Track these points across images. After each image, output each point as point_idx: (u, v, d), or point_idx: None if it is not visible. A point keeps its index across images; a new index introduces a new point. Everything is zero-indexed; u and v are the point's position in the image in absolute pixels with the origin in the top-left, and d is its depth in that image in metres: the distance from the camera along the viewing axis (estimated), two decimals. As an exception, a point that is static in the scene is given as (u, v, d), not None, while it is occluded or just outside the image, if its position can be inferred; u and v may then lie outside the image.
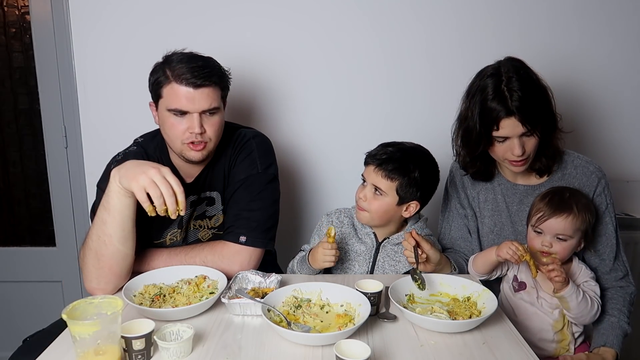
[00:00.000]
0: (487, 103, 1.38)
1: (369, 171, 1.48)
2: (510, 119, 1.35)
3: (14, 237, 2.33)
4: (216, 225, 1.57)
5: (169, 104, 1.38)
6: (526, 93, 1.35)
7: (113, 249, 1.32)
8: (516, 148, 1.39)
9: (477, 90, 1.42)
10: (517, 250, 1.34)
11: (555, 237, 1.39)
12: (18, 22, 2.11)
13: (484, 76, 1.42)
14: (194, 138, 1.39)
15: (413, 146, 1.52)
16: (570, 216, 1.38)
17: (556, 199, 1.41)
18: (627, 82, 2.07)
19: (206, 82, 1.37)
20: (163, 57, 1.44)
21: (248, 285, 1.37)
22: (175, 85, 1.36)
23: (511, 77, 1.37)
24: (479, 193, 1.61)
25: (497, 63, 1.43)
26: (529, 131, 1.37)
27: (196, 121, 1.38)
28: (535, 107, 1.36)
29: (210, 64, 1.41)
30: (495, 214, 1.58)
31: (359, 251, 1.55)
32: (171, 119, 1.39)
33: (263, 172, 1.51)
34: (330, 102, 2.06)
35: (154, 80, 1.41)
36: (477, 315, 1.24)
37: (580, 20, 2.00)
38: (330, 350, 1.01)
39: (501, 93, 1.36)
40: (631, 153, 2.15)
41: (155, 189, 1.22)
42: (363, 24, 1.98)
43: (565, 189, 1.45)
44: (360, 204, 1.49)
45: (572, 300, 1.35)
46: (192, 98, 1.36)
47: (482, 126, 1.40)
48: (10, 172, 2.28)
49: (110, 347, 1.02)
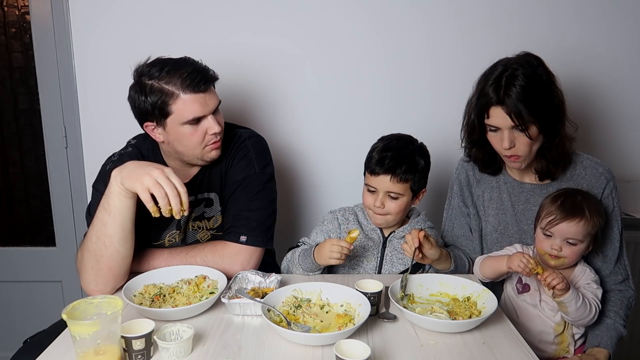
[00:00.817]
0: (484, 88, 1.39)
1: (380, 181, 1.46)
2: (497, 109, 1.35)
3: (14, 237, 2.34)
4: (215, 226, 1.57)
5: (182, 118, 1.37)
6: (524, 88, 1.33)
7: (113, 250, 1.32)
8: (505, 140, 1.38)
9: (484, 76, 1.43)
10: (529, 263, 1.33)
11: (565, 241, 1.37)
12: (18, 22, 2.11)
13: (497, 64, 1.42)
14: (215, 138, 1.41)
15: (403, 138, 1.53)
16: (583, 221, 1.35)
17: (568, 202, 1.38)
18: (628, 83, 2.07)
19: (209, 82, 1.39)
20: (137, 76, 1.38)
21: (248, 285, 1.37)
22: (185, 97, 1.35)
23: (516, 69, 1.36)
24: (484, 191, 1.60)
25: (515, 56, 1.42)
26: (518, 126, 1.35)
27: (213, 121, 1.39)
28: (530, 104, 1.33)
29: (199, 66, 1.40)
30: (499, 212, 1.57)
31: (367, 247, 1.56)
32: (187, 129, 1.38)
33: (260, 172, 1.51)
34: (331, 102, 2.06)
35: (153, 102, 1.35)
36: (477, 315, 1.24)
37: (581, 17, 2.00)
38: (330, 350, 1.01)
39: (499, 81, 1.36)
40: (631, 153, 2.15)
41: (160, 189, 1.22)
42: (363, 23, 1.98)
43: (577, 192, 1.42)
44: (377, 211, 1.50)
45: (572, 305, 1.34)
46: (204, 102, 1.37)
47: (476, 112, 1.42)
48: (10, 172, 2.29)
49: (110, 347, 1.02)
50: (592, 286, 1.42)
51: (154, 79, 1.35)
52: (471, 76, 1.91)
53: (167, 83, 1.35)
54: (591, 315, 1.37)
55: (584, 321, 1.39)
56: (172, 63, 1.37)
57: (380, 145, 1.50)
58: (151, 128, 1.42)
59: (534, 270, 1.32)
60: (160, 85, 1.35)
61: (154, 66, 1.37)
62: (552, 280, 1.30)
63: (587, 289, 1.41)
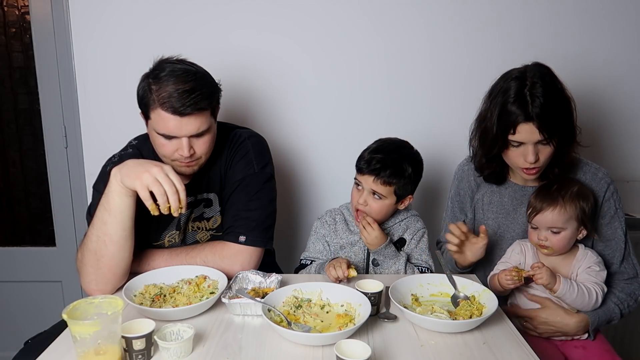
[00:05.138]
0: (507, 105, 1.36)
1: (366, 180, 1.52)
2: (528, 125, 1.34)
3: (14, 237, 2.34)
4: (214, 226, 1.57)
5: (156, 128, 1.34)
6: (548, 100, 1.33)
7: (113, 250, 1.32)
8: (530, 155, 1.37)
9: (500, 91, 1.40)
10: (513, 276, 1.37)
11: (549, 231, 1.41)
12: (18, 22, 2.11)
13: (508, 78, 1.40)
14: (183, 160, 1.37)
15: (397, 144, 1.57)
16: (557, 208, 1.39)
17: (542, 193, 1.43)
18: (627, 83, 2.07)
19: (194, 111, 1.30)
20: (152, 68, 1.37)
21: (248, 285, 1.37)
22: (161, 112, 1.30)
23: (535, 82, 1.35)
24: (483, 195, 1.60)
25: (523, 67, 1.41)
26: (545, 139, 1.35)
27: (185, 145, 1.33)
28: (555, 117, 1.34)
29: (199, 85, 1.32)
30: (499, 216, 1.58)
31: (354, 241, 1.60)
32: (160, 139, 1.36)
33: (260, 172, 1.51)
34: (331, 102, 2.06)
35: (140, 97, 1.35)
36: (477, 315, 1.24)
37: (582, 20, 2.00)
38: (331, 350, 1.01)
39: (523, 97, 1.34)
40: (631, 153, 2.15)
41: (159, 187, 1.22)
42: (364, 23, 1.98)
43: (553, 182, 1.45)
44: (360, 207, 1.54)
45: (568, 297, 1.38)
46: (179, 125, 1.31)
47: (499, 128, 1.39)
48: (10, 172, 2.28)
49: (110, 347, 1.02)
50: (594, 269, 1.43)
51: (151, 78, 1.34)
52: (472, 77, 1.92)
53: (156, 90, 1.31)
54: (593, 301, 1.39)
55: (587, 307, 1.41)
56: (180, 73, 1.32)
57: (373, 147, 1.56)
58: (143, 117, 1.41)
59: (521, 277, 1.38)
60: (151, 88, 1.32)
61: (166, 66, 1.35)
62: (539, 280, 1.35)
63: (589, 273, 1.42)
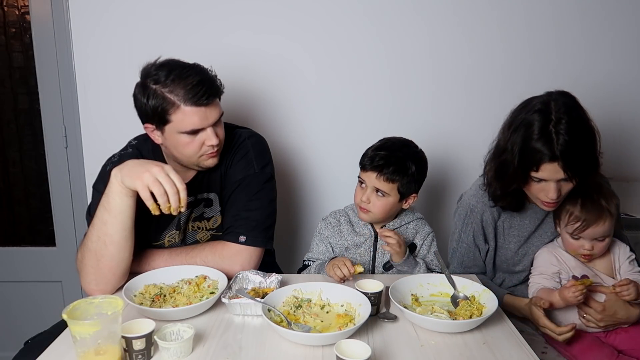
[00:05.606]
0: (530, 142, 1.29)
1: (369, 176, 1.52)
2: (552, 164, 1.28)
3: (14, 237, 2.33)
4: (214, 226, 1.57)
5: (181, 128, 1.36)
6: (574, 138, 1.26)
7: (113, 250, 1.32)
8: (552, 192, 1.33)
9: (522, 124, 1.33)
10: (581, 290, 1.32)
11: (594, 240, 1.41)
12: (18, 22, 2.11)
13: (530, 110, 1.33)
14: (212, 149, 1.40)
15: (402, 142, 1.57)
16: (608, 219, 1.38)
17: (588, 206, 1.39)
18: (627, 83, 2.07)
19: (213, 96, 1.37)
20: (145, 77, 1.35)
21: (248, 285, 1.37)
22: (186, 109, 1.33)
23: (561, 118, 1.27)
24: (503, 221, 1.56)
25: (546, 96, 1.34)
26: (569, 177, 1.30)
27: (212, 134, 1.38)
28: (581, 154, 1.28)
29: (206, 76, 1.37)
30: (521, 238, 1.55)
31: (359, 242, 1.59)
32: (184, 139, 1.37)
33: (260, 171, 1.51)
34: (332, 102, 2.05)
35: (154, 107, 1.34)
36: (477, 315, 1.24)
37: (583, 21, 1.99)
38: (331, 350, 1.01)
39: (548, 135, 1.27)
40: (631, 153, 2.15)
41: (159, 186, 1.22)
42: (365, 24, 1.98)
43: (592, 191, 1.41)
44: (363, 205, 1.54)
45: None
46: (204, 116, 1.35)
47: (520, 164, 1.33)
48: (10, 172, 2.28)
49: (110, 347, 1.02)
50: (631, 256, 1.46)
51: (158, 84, 1.33)
52: (472, 78, 1.92)
53: (171, 92, 1.32)
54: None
55: None
56: (179, 70, 1.34)
57: (377, 144, 1.57)
58: (150, 129, 1.42)
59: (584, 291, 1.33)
60: (163, 93, 1.33)
61: (161, 70, 1.34)
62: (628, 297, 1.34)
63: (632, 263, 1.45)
